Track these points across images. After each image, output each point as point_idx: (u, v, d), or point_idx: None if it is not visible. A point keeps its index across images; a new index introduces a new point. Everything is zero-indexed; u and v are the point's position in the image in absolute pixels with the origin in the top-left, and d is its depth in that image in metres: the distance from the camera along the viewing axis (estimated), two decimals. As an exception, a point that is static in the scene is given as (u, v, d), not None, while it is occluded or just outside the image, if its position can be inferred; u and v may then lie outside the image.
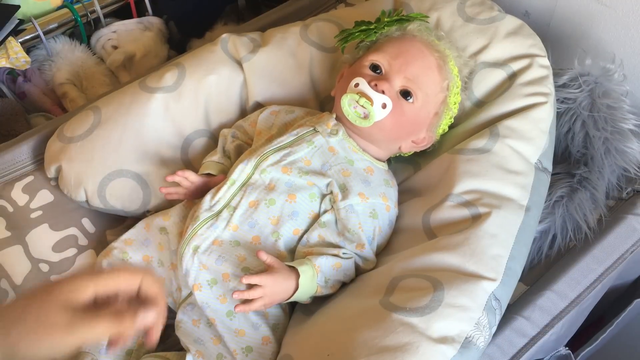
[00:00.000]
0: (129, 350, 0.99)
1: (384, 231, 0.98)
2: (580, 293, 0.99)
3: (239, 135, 1.10)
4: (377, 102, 0.95)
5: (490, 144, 0.99)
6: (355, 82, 0.97)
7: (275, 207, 0.95)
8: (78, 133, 1.11)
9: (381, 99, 0.96)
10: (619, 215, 1.07)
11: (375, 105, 0.95)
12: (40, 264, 1.08)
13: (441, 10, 1.14)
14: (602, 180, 1.08)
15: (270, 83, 1.16)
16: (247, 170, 0.98)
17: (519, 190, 0.97)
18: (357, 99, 0.95)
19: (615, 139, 1.08)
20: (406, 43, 1.02)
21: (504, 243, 0.91)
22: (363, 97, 0.95)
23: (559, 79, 1.11)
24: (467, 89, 1.08)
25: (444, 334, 0.81)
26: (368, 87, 0.96)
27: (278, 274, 0.87)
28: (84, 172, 1.09)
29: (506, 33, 1.09)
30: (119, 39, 1.56)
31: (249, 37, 1.19)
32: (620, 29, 1.16)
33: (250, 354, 0.90)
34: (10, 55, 1.36)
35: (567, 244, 1.06)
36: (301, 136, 1.00)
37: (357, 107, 0.96)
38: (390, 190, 1.00)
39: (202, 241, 0.94)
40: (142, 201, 1.11)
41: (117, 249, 1.02)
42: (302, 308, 0.96)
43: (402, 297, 0.85)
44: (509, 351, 0.92)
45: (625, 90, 1.12)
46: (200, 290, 0.92)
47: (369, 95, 0.95)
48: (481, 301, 0.85)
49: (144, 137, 1.11)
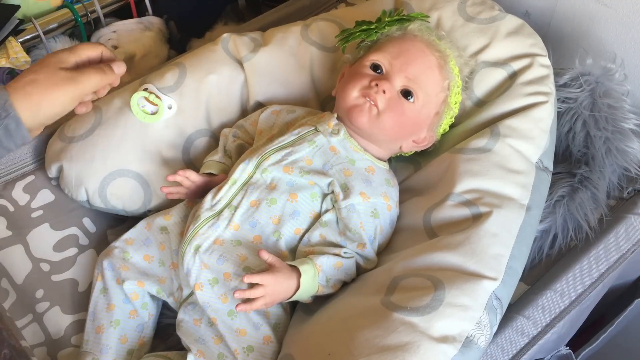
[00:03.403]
0: (130, 349, 0.99)
1: (385, 230, 0.98)
2: (581, 292, 0.99)
3: (240, 134, 1.10)
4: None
5: (491, 144, 0.99)
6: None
7: (277, 206, 0.95)
8: (79, 133, 1.11)
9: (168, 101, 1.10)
10: (619, 215, 1.07)
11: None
12: (41, 263, 1.08)
13: (442, 10, 1.14)
14: (603, 179, 1.08)
15: (271, 83, 1.16)
16: (249, 170, 0.98)
17: (520, 190, 0.97)
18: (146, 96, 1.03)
19: (616, 138, 1.08)
20: (407, 43, 1.02)
21: (505, 242, 0.91)
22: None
23: (559, 79, 1.11)
24: (467, 89, 1.08)
25: (445, 334, 0.81)
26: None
27: (279, 273, 0.87)
28: (84, 172, 1.09)
29: (507, 32, 1.09)
30: (119, 39, 1.56)
31: (250, 36, 1.20)
32: (621, 29, 1.16)
33: (252, 354, 0.90)
34: (10, 55, 1.36)
35: (568, 244, 1.06)
36: (302, 136, 1.00)
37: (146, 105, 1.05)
38: (392, 190, 1.00)
39: (203, 240, 0.94)
40: (143, 201, 1.11)
41: (117, 249, 1.02)
42: (303, 307, 0.96)
43: (403, 297, 0.85)
44: (510, 350, 0.92)
45: (626, 89, 1.12)
46: (202, 290, 0.92)
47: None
48: (482, 300, 0.85)
49: (145, 136, 1.11)
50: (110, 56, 0.90)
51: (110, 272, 1.01)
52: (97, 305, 1.01)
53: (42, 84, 0.80)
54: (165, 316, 1.06)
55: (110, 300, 1.00)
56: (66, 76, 0.82)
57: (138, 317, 1.01)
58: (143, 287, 1.00)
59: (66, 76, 0.82)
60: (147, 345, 1.02)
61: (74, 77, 0.82)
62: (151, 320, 1.02)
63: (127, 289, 1.00)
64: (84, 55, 0.87)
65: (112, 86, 0.90)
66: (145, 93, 1.10)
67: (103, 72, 0.86)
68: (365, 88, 0.98)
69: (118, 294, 1.00)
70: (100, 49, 0.89)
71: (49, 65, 0.82)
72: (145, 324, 1.01)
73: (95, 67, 0.86)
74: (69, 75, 0.82)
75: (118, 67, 0.88)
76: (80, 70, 0.84)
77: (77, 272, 1.09)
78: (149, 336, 1.02)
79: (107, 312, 1.00)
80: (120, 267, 1.01)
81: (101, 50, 0.89)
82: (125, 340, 0.99)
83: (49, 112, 0.81)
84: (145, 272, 1.01)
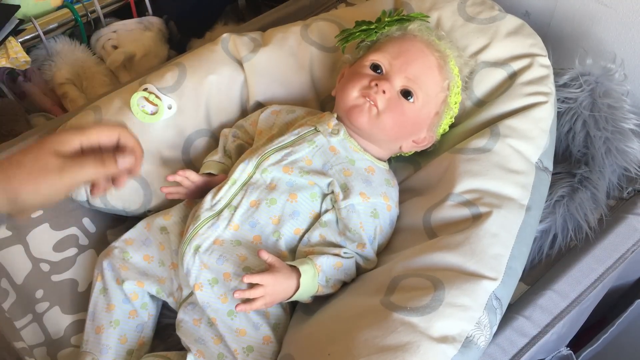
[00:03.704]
0: (129, 350, 0.99)
1: (385, 231, 0.98)
2: (581, 293, 0.99)
3: (240, 134, 1.10)
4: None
5: (491, 144, 0.99)
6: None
7: (276, 206, 0.95)
8: (79, 133, 1.11)
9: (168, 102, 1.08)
10: (619, 215, 1.07)
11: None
12: (41, 263, 1.08)
13: (442, 10, 1.14)
14: (603, 180, 1.08)
15: (270, 83, 1.16)
16: (248, 170, 0.98)
17: (520, 190, 0.96)
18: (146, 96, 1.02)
19: (616, 138, 1.08)
20: (407, 43, 1.02)
21: (505, 242, 0.91)
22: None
23: (559, 79, 1.11)
24: (467, 89, 1.08)
25: (444, 334, 0.81)
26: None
27: (279, 273, 0.87)
28: (84, 172, 1.09)
29: (507, 32, 1.09)
30: (119, 39, 1.56)
31: (250, 36, 1.19)
32: (621, 29, 1.16)
33: (251, 354, 0.90)
34: (10, 55, 1.36)
35: (568, 244, 1.05)
36: (302, 136, 1.00)
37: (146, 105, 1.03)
38: (391, 190, 1.00)
39: (203, 241, 0.94)
40: (142, 201, 1.11)
41: (117, 249, 1.02)
42: (303, 307, 0.96)
43: (403, 297, 0.85)
44: (510, 351, 0.92)
45: (626, 89, 1.12)
46: (201, 290, 0.92)
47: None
48: (482, 301, 0.85)
49: (144, 136, 1.10)
50: (128, 143, 0.78)
51: (110, 272, 1.01)
52: (97, 306, 1.01)
53: (25, 169, 0.71)
54: (165, 316, 1.06)
55: (110, 301, 1.00)
56: (55, 165, 0.71)
57: (138, 317, 1.01)
58: (143, 287, 1.00)
59: (55, 165, 0.71)
60: (146, 345, 1.02)
61: (64, 167, 0.71)
62: (151, 320, 1.03)
63: (126, 289, 1.00)
64: (94, 139, 0.75)
65: (117, 180, 0.80)
66: (145, 93, 1.10)
67: (102, 165, 0.74)
68: (365, 88, 0.98)
69: (118, 294, 1.00)
70: (117, 133, 0.77)
71: (42, 148, 0.72)
72: (145, 324, 1.01)
73: (94, 157, 0.74)
74: (59, 164, 0.71)
75: (123, 161, 0.76)
76: (75, 159, 0.73)
77: (76, 272, 1.09)
78: (148, 336, 1.02)
79: (106, 312, 1.00)
80: (120, 267, 1.01)
81: (118, 136, 0.77)
82: (125, 341, 0.99)
83: (29, 202, 0.72)
84: (145, 272, 1.01)
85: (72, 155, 0.74)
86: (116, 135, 0.77)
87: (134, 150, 0.78)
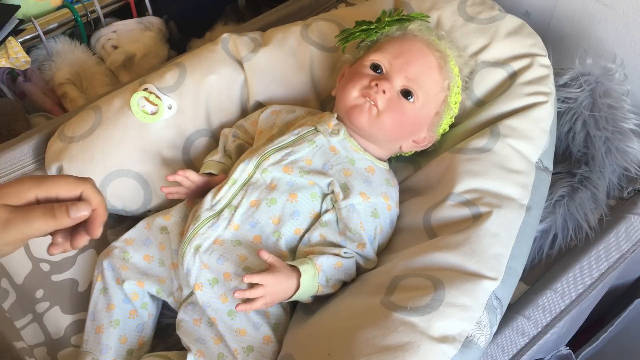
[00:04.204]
0: (130, 349, 0.99)
1: (385, 230, 0.98)
2: (581, 292, 0.99)
3: (240, 134, 1.10)
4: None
5: (491, 144, 0.99)
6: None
7: (277, 206, 0.95)
8: (79, 133, 1.11)
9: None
10: (619, 215, 1.07)
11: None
12: (41, 263, 1.08)
13: (442, 10, 1.14)
14: (603, 179, 1.08)
15: (271, 83, 1.16)
16: (249, 170, 0.98)
17: (520, 190, 0.97)
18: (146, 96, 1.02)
19: (616, 138, 1.08)
20: (407, 43, 1.02)
21: (505, 242, 0.91)
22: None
23: (559, 79, 1.11)
24: (467, 89, 1.08)
25: (444, 333, 0.81)
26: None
27: (279, 273, 0.87)
28: (84, 172, 1.09)
29: (507, 32, 1.09)
30: (119, 39, 1.56)
31: (250, 36, 1.19)
32: (621, 29, 1.16)
33: (252, 354, 0.90)
34: (10, 55, 1.36)
35: (568, 244, 1.06)
36: (302, 136, 1.00)
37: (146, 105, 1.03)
38: (392, 190, 1.00)
39: (203, 240, 0.94)
40: (143, 201, 1.11)
41: (117, 249, 1.02)
42: (303, 307, 0.96)
43: (403, 297, 0.85)
44: (510, 350, 0.92)
45: (626, 89, 1.12)
46: (202, 290, 0.92)
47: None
48: (482, 300, 0.85)
49: (145, 136, 1.11)
50: (92, 200, 0.70)
51: (110, 272, 1.01)
52: (97, 305, 1.01)
53: None
54: (165, 316, 1.06)
55: (110, 300, 1.00)
56: (1, 218, 0.65)
57: (138, 317, 1.01)
58: (143, 287, 1.00)
59: (1, 218, 0.65)
60: (147, 345, 1.02)
61: (9, 220, 0.66)
62: (151, 320, 1.03)
63: (127, 289, 1.00)
64: (52, 192, 0.69)
65: (75, 239, 0.73)
66: (145, 93, 1.10)
67: (52, 216, 0.67)
68: (365, 88, 0.98)
69: (118, 294, 1.00)
70: (81, 188, 0.70)
71: None
72: (145, 324, 1.01)
73: (43, 208, 0.67)
74: (6, 217, 0.66)
75: (77, 210, 0.68)
76: (23, 211, 0.67)
77: (77, 272, 1.09)
78: (148, 336, 1.02)
79: (107, 312, 1.00)
80: (120, 267, 1.01)
81: (81, 190, 0.70)
82: (125, 340, 0.99)
83: None
84: (145, 272, 1.01)
85: (24, 207, 0.68)
86: (79, 190, 0.70)
87: (97, 208, 0.71)
